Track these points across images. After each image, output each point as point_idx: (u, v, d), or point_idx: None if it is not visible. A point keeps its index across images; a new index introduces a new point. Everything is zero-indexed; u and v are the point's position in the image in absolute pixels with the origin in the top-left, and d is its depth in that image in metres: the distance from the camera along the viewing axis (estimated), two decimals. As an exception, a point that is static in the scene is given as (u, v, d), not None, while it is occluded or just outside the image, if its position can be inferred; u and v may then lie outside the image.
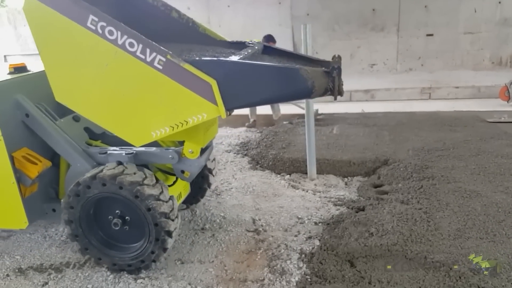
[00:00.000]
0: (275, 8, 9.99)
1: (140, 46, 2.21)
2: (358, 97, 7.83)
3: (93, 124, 3.14)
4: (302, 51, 3.86)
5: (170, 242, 2.59)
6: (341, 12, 9.83)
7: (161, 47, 2.21)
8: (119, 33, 2.21)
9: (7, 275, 2.81)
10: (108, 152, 2.76)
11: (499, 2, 9.17)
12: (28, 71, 3.00)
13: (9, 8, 12.66)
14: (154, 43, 2.22)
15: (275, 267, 2.72)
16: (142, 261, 2.65)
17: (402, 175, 3.90)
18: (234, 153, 5.12)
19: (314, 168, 4.23)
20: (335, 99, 2.37)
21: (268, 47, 3.00)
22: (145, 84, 2.31)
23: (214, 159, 3.53)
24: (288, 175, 4.38)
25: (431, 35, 9.63)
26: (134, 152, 2.73)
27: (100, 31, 2.22)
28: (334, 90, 2.30)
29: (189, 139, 2.59)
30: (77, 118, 3.05)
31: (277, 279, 2.60)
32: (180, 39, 2.95)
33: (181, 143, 2.69)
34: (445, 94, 7.82)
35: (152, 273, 2.72)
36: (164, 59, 2.21)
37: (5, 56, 12.11)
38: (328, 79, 2.29)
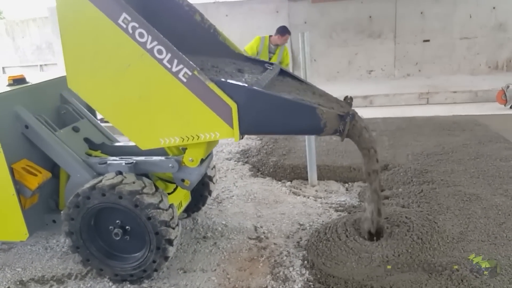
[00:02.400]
0: (273, 16, 10.06)
1: (169, 55, 2.23)
2: (357, 103, 7.82)
3: (93, 134, 3.17)
4: (300, 59, 3.89)
5: (171, 250, 2.59)
6: (339, 20, 9.90)
7: (190, 62, 2.23)
8: (149, 37, 2.21)
9: (8, 287, 2.80)
10: (108, 162, 2.76)
11: (494, 8, 9.26)
12: (27, 82, 3.01)
13: (7, 20, 12.74)
14: (183, 56, 2.23)
15: (278, 274, 2.71)
16: (144, 271, 2.64)
17: (402, 180, 3.91)
18: (235, 161, 5.12)
19: (314, 174, 4.23)
20: (342, 140, 2.50)
21: (283, 70, 3.05)
22: (164, 92, 2.32)
23: (214, 167, 3.54)
24: (289, 182, 4.38)
25: (428, 40, 9.71)
26: (134, 162, 2.73)
27: (130, 31, 2.22)
28: (343, 133, 2.42)
29: (192, 147, 2.60)
30: (76, 129, 3.06)
31: (280, 286, 2.59)
32: (198, 43, 2.96)
33: (185, 149, 2.70)
34: (443, 99, 7.85)
35: (154, 282, 2.71)
36: (190, 73, 2.23)
37: (3, 68, 12.16)
38: (340, 122, 2.39)
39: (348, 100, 2.74)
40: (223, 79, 2.29)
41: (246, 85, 2.31)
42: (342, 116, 2.38)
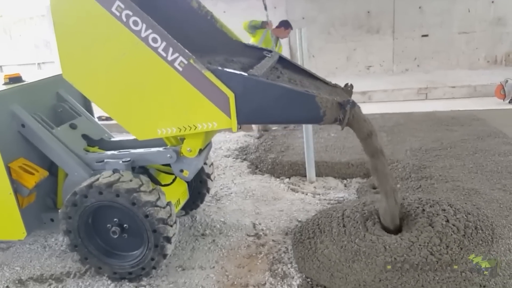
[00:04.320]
0: (271, 12, 9.98)
1: (164, 43, 2.18)
2: (355, 99, 7.78)
3: (91, 131, 3.16)
4: (298, 55, 3.88)
5: (169, 248, 2.58)
6: (337, 15, 9.88)
7: (185, 50, 2.18)
8: (144, 25, 2.16)
9: (7, 286, 2.80)
10: (105, 160, 2.75)
11: (492, 2, 9.23)
12: (23, 81, 3.00)
13: (5, 18, 12.69)
14: (178, 44, 2.18)
15: (276, 271, 2.71)
16: (142, 268, 2.64)
17: (400, 176, 3.91)
18: (233, 158, 5.12)
19: (313, 171, 4.23)
20: (342, 129, 2.45)
21: (282, 58, 3.01)
22: (160, 81, 2.28)
23: (212, 164, 3.53)
24: (288, 179, 4.38)
25: (426, 35, 9.68)
26: (131, 160, 2.73)
27: (124, 19, 2.17)
28: (343, 121, 2.36)
29: (189, 137, 2.59)
30: (74, 126, 3.06)
31: (279, 283, 2.59)
32: (195, 30, 2.89)
33: (183, 139, 2.68)
34: (442, 94, 7.84)
35: (153, 280, 2.71)
36: (185, 62, 2.19)
37: (0, 66, 12.12)
38: (340, 110, 2.34)
39: (349, 88, 2.70)
40: (219, 68, 2.25)
41: (244, 73, 2.26)
42: (341, 104, 2.33)
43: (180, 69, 2.21)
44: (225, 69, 2.26)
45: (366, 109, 2.94)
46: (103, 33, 2.26)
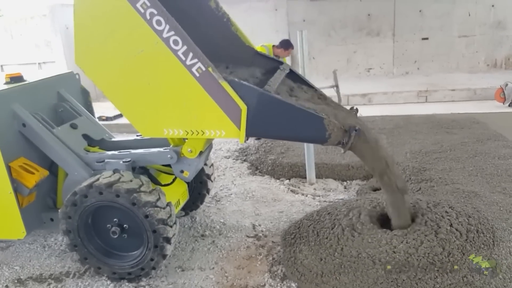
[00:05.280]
0: (272, 14, 10.04)
1: (185, 47, 2.19)
2: (356, 101, 7.86)
3: (91, 131, 3.16)
4: (298, 57, 3.88)
5: (169, 248, 2.58)
6: (337, 18, 9.89)
7: (205, 57, 2.20)
8: (167, 26, 2.16)
9: (6, 286, 2.80)
10: (106, 160, 2.76)
11: (492, 6, 9.26)
12: (25, 80, 3.00)
13: (6, 17, 12.67)
14: (199, 50, 2.19)
15: (276, 272, 2.71)
16: (142, 269, 2.64)
17: (400, 178, 3.90)
18: (233, 159, 5.12)
19: (313, 173, 4.23)
20: (344, 152, 2.53)
21: (292, 72, 3.03)
22: (174, 83, 2.29)
23: (212, 165, 3.54)
24: (288, 180, 4.38)
25: (427, 39, 9.70)
26: (131, 160, 2.73)
27: (148, 16, 2.17)
28: (346, 145, 2.43)
29: (192, 138, 2.59)
30: (74, 126, 3.06)
31: (278, 284, 2.59)
32: (210, 31, 2.89)
33: (185, 139, 2.67)
34: (442, 96, 7.85)
35: (152, 280, 2.71)
36: (203, 69, 2.21)
37: (1, 66, 12.11)
38: (344, 135, 2.40)
39: (354, 112, 2.75)
40: (236, 79, 2.26)
41: (259, 88, 2.28)
42: (347, 130, 2.40)
43: (197, 75, 2.22)
44: (242, 81, 2.27)
45: (366, 111, 2.96)
46: (123, 27, 2.25)
